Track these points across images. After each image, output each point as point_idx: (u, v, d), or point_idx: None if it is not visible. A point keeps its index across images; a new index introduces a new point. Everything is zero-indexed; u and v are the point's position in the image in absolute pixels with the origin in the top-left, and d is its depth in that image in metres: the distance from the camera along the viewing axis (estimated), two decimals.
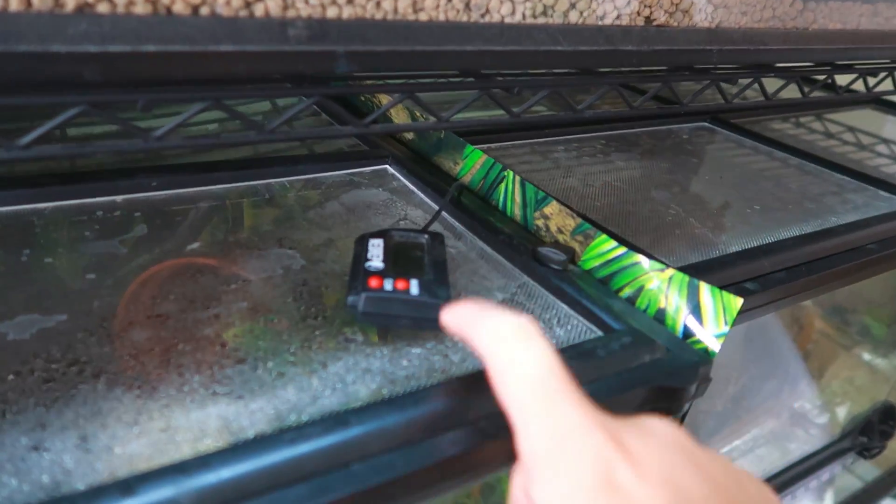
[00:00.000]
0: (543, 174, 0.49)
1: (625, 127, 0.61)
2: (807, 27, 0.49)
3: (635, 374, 0.28)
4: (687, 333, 0.33)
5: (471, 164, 0.45)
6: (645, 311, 0.34)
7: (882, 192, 0.54)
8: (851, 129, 0.74)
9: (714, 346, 0.32)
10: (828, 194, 0.53)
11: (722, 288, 0.36)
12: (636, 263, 0.34)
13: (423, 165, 0.47)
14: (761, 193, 0.51)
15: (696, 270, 0.36)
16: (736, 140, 0.63)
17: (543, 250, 0.36)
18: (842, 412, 0.82)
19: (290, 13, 0.30)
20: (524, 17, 0.36)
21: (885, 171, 0.62)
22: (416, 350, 0.29)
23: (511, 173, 0.42)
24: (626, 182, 0.50)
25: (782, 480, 0.61)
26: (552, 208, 0.39)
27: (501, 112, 0.39)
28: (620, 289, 0.35)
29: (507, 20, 0.36)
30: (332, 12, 0.30)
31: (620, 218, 0.44)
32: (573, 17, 0.38)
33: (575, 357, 0.28)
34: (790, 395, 0.77)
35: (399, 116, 0.50)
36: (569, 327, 0.32)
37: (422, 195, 0.43)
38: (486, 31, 0.34)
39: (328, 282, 0.33)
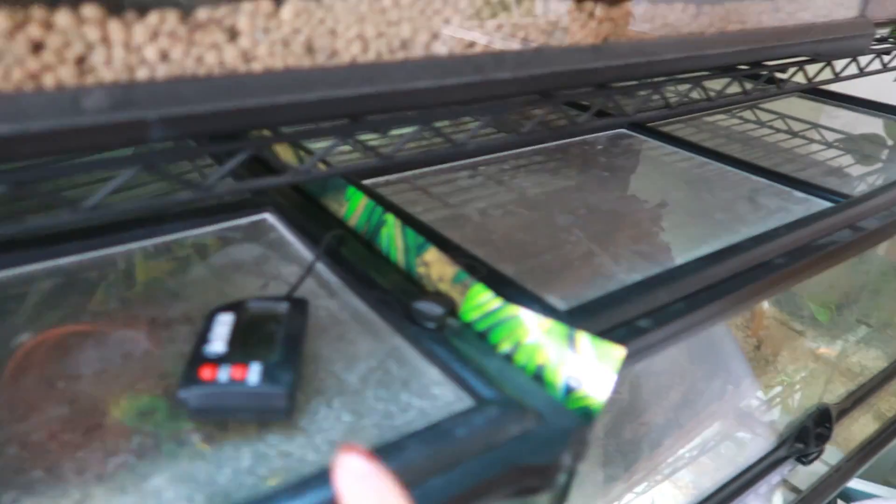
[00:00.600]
0: (439, 207, 0.46)
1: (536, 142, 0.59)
2: (702, 31, 0.47)
3: (498, 453, 0.25)
4: (570, 389, 0.30)
5: (354, 206, 0.42)
6: (524, 368, 0.31)
7: (797, 193, 0.52)
8: (782, 117, 0.73)
9: (599, 399, 0.30)
10: (741, 200, 0.51)
11: (613, 328, 0.34)
12: (513, 316, 0.32)
13: (310, 211, 0.44)
14: (672, 208, 0.49)
15: (585, 312, 0.34)
16: (654, 146, 0.61)
17: (418, 306, 0.33)
18: (795, 402, 0.81)
19: (90, 79, 0.26)
20: (379, 54, 0.33)
21: (808, 162, 0.60)
22: (250, 448, 0.26)
23: (391, 216, 0.39)
24: (529, 206, 0.48)
25: (728, 492, 0.60)
26: (431, 255, 0.36)
27: (372, 156, 0.36)
28: (499, 343, 0.32)
29: (360, 59, 0.33)
30: (142, 73, 0.27)
31: (515, 250, 0.41)
32: (437, 48, 0.35)
33: (430, 441, 0.25)
34: (735, 395, 0.76)
35: (287, 155, 0.47)
36: (436, 397, 0.29)
37: (301, 248, 0.40)
38: (331, 75, 0.31)
39: (173, 369, 0.30)
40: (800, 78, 0.57)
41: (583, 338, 0.30)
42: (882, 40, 0.66)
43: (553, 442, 0.26)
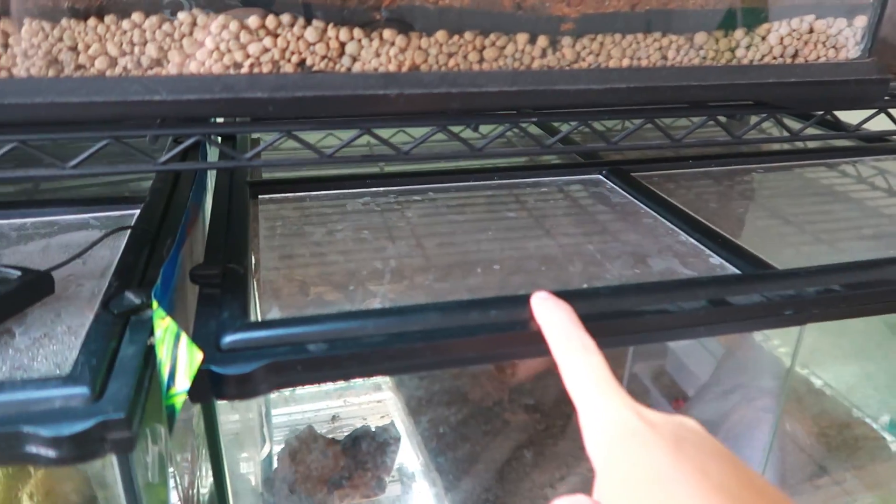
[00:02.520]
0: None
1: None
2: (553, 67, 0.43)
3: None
4: (168, 385, 0.31)
5: None
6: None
7: (714, 259, 0.44)
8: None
9: (180, 398, 0.31)
10: (627, 257, 0.44)
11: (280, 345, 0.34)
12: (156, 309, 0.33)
13: None
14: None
15: (272, 325, 0.34)
16: (620, 198, 0.55)
17: (127, 293, 0.36)
18: None
19: None
20: (126, 69, 0.38)
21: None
22: None
23: None
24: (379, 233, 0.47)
25: None
26: None
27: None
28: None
29: (109, 73, 0.38)
30: None
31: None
32: (193, 67, 0.39)
33: None
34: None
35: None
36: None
37: None
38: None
39: None
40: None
41: (183, 338, 0.31)
42: None
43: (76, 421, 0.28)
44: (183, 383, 0.30)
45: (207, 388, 0.32)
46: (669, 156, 0.61)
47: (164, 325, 0.32)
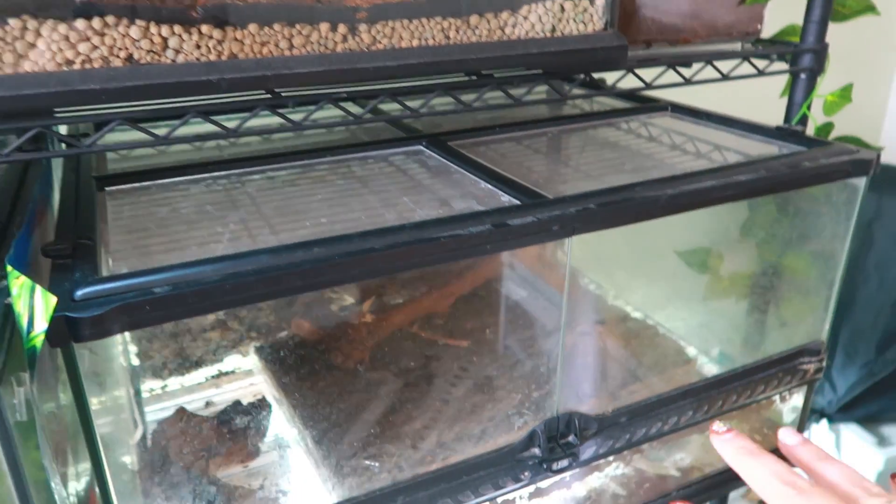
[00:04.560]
0: None
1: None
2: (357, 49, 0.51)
3: None
4: (28, 331, 0.36)
5: None
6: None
7: (504, 196, 0.53)
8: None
9: (39, 339, 0.36)
10: (435, 202, 0.53)
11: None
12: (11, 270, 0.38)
13: None
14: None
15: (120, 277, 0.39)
16: (438, 163, 0.64)
17: None
18: None
19: None
20: None
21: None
22: None
23: None
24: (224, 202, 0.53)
25: None
26: None
27: None
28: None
29: None
30: None
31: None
32: (27, 66, 0.43)
33: None
34: None
35: None
36: None
37: None
38: None
39: None
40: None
41: (38, 289, 0.36)
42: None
43: None
44: (41, 325, 0.35)
45: (64, 332, 0.37)
46: (480, 126, 0.71)
47: (19, 283, 0.37)
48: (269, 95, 0.50)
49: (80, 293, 0.38)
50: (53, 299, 0.35)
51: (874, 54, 1.55)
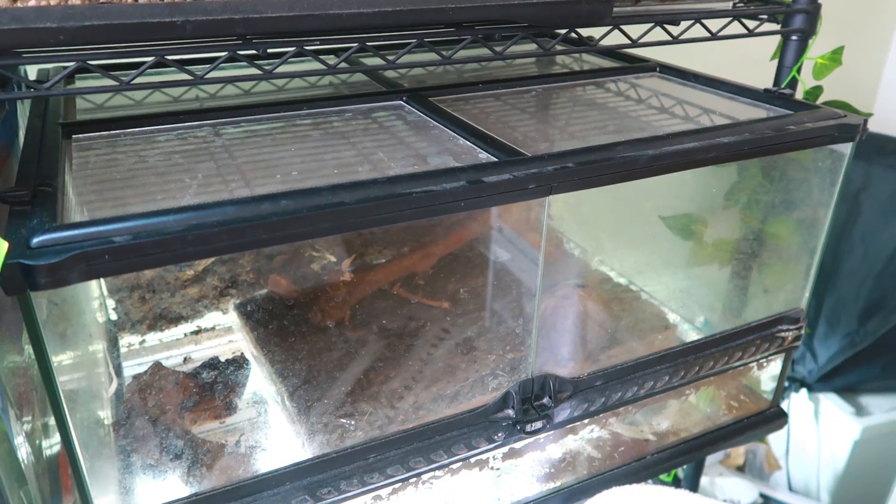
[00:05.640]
0: None
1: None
2: None
3: None
4: None
5: None
6: None
7: (482, 154, 0.52)
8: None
9: None
10: (412, 158, 0.51)
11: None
12: None
13: None
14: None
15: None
16: (417, 119, 0.63)
17: None
18: None
19: None
20: None
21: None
22: None
23: None
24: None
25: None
26: None
27: None
28: None
29: None
30: None
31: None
32: None
33: None
34: None
35: None
36: None
37: None
38: None
39: None
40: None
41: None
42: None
43: None
44: None
45: (20, 279, 0.36)
46: (463, 83, 0.69)
47: None
48: (239, 42, 0.49)
49: (36, 240, 0.37)
50: (5, 245, 0.34)
51: (869, 19, 1.52)
